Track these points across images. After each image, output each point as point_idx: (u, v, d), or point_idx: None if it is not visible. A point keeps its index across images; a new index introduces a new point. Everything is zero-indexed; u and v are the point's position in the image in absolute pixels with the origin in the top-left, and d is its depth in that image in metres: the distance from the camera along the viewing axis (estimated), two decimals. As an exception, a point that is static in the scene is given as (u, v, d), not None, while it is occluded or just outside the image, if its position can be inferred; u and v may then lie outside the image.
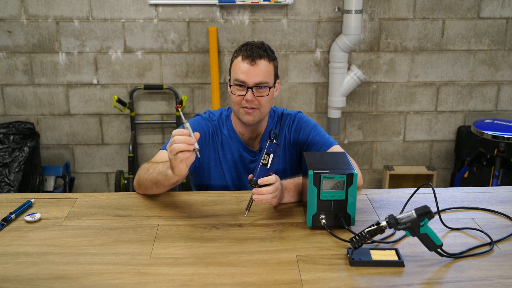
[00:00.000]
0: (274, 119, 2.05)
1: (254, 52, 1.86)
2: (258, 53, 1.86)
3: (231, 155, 2.02)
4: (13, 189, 3.41)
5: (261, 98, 1.87)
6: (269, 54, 1.89)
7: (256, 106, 1.88)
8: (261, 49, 1.88)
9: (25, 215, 1.71)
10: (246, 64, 1.86)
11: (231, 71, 1.93)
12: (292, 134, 2.02)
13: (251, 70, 1.85)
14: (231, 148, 2.02)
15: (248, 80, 1.86)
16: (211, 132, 2.01)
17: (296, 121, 2.03)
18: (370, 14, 3.60)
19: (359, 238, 1.44)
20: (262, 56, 1.87)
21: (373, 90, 3.77)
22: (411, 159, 3.94)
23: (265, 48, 1.89)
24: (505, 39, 3.69)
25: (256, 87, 1.86)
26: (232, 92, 1.89)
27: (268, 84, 1.88)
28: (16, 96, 3.70)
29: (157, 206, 1.80)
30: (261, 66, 1.86)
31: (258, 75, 1.86)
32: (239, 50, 1.91)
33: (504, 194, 1.88)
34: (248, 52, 1.86)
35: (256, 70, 1.85)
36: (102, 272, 1.42)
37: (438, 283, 1.38)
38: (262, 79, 1.86)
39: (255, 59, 1.85)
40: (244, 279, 1.38)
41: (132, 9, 3.55)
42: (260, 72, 1.86)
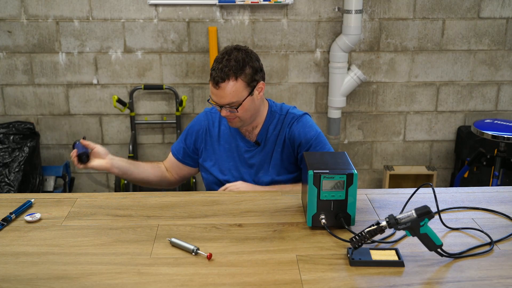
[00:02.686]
0: (275, 115, 2.06)
1: (217, 74, 1.86)
2: (221, 76, 1.86)
3: (228, 145, 2.08)
4: (13, 189, 3.41)
5: (235, 113, 1.92)
6: (236, 69, 1.86)
7: (233, 117, 1.94)
8: (226, 68, 1.86)
9: (25, 215, 1.71)
10: (212, 87, 1.89)
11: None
12: (292, 133, 2.03)
13: (217, 93, 1.89)
14: (227, 139, 2.08)
15: (217, 101, 1.91)
16: (207, 126, 2.11)
17: (301, 123, 2.04)
18: (370, 14, 3.60)
19: (359, 238, 1.44)
20: (225, 77, 1.86)
21: (373, 90, 3.77)
22: (411, 159, 3.94)
23: (231, 66, 1.86)
24: (505, 39, 3.69)
25: (227, 106, 1.90)
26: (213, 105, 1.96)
27: (235, 103, 1.90)
28: (16, 96, 3.70)
29: (157, 206, 1.80)
30: (225, 89, 1.87)
31: (224, 98, 1.88)
32: (211, 69, 1.92)
33: (504, 194, 1.88)
34: (213, 73, 1.88)
35: (221, 93, 1.88)
36: (102, 272, 1.42)
37: (438, 283, 1.38)
38: (228, 101, 1.89)
39: (218, 83, 1.87)
40: (244, 279, 1.38)
41: (132, 9, 3.55)
42: (225, 94, 1.88)
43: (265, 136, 2.05)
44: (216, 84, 1.87)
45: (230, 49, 1.91)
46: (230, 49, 1.91)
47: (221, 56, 1.90)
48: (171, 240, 1.54)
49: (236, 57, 1.88)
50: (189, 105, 3.76)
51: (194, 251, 1.49)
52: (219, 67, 1.87)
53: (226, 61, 1.88)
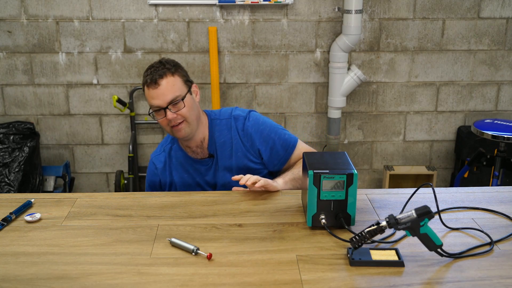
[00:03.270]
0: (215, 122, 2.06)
1: (154, 74, 1.91)
2: (157, 73, 1.91)
3: (187, 174, 2.08)
4: (13, 189, 3.41)
5: (181, 111, 1.92)
6: (169, 67, 1.94)
7: (181, 119, 1.94)
8: (159, 68, 1.92)
9: (25, 215, 1.71)
10: (152, 89, 1.91)
11: (147, 102, 1.98)
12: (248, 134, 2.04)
13: (158, 92, 1.90)
14: (186, 168, 2.08)
15: (160, 103, 1.91)
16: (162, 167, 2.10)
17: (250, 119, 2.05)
18: (370, 14, 3.60)
19: (359, 238, 1.44)
20: (162, 74, 1.91)
21: (373, 90, 3.77)
22: (411, 159, 3.94)
23: (163, 64, 1.94)
24: (505, 39, 3.69)
25: (171, 105, 1.91)
26: (155, 119, 1.96)
27: (179, 96, 1.92)
28: (16, 96, 3.70)
29: (157, 206, 1.80)
30: (165, 83, 1.91)
31: (166, 94, 1.90)
32: (143, 78, 1.95)
33: (504, 194, 1.88)
34: (149, 77, 1.91)
35: (162, 90, 1.90)
36: (102, 272, 1.42)
37: (438, 283, 1.38)
38: (171, 96, 1.91)
39: (157, 80, 1.90)
40: (244, 279, 1.38)
41: (132, 9, 3.55)
42: (166, 90, 1.90)
43: (215, 146, 2.05)
44: (155, 83, 1.90)
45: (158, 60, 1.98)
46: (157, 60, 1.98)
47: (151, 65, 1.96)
48: (171, 240, 1.54)
49: (167, 61, 1.96)
50: (189, 105, 3.75)
51: (194, 251, 1.49)
52: (152, 70, 1.92)
53: (158, 63, 1.95)
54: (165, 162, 2.11)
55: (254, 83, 3.71)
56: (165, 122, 1.94)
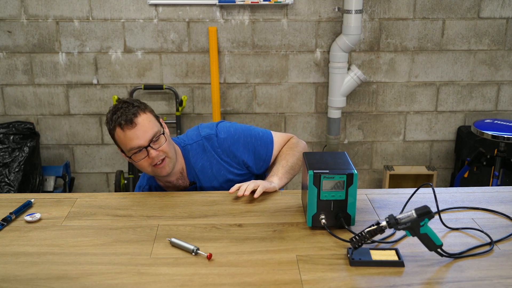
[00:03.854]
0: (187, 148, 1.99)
1: (126, 115, 1.79)
2: (130, 112, 1.79)
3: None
4: (13, 189, 3.41)
5: (162, 147, 1.84)
6: (138, 105, 1.83)
7: (163, 155, 1.85)
8: (130, 107, 1.81)
9: (25, 215, 1.71)
10: (128, 130, 1.79)
11: (121, 145, 1.85)
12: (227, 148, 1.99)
13: (137, 132, 1.79)
14: None
15: (141, 142, 1.80)
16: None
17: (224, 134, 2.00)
18: (370, 14, 3.60)
19: (359, 238, 1.44)
20: (135, 112, 1.80)
21: (373, 90, 3.77)
22: (411, 159, 3.94)
23: (131, 104, 1.83)
24: (505, 39, 3.69)
25: (152, 142, 1.82)
26: (135, 161, 1.84)
27: (159, 131, 1.85)
28: (16, 96, 3.70)
29: (157, 206, 1.80)
30: (141, 121, 1.80)
31: (146, 131, 1.81)
32: (111, 122, 1.82)
33: (504, 194, 1.88)
34: (121, 119, 1.79)
35: (141, 128, 1.80)
36: (102, 272, 1.42)
37: (438, 283, 1.38)
38: (152, 132, 1.82)
39: (132, 120, 1.79)
40: (244, 279, 1.38)
41: (132, 9, 3.55)
42: (145, 127, 1.80)
43: (195, 173, 2.00)
44: (131, 123, 1.78)
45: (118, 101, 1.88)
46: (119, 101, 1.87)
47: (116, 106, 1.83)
48: (171, 240, 1.54)
49: (131, 100, 1.86)
50: (189, 105, 3.76)
51: (194, 251, 1.49)
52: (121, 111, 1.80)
53: (123, 104, 1.83)
54: None
55: (254, 83, 3.71)
56: (147, 162, 1.84)
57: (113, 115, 1.82)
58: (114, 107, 1.84)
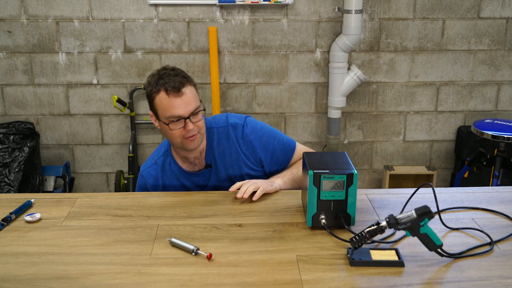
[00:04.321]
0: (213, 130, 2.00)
1: (175, 82, 1.81)
2: (180, 81, 1.81)
3: (184, 188, 2.02)
4: (13, 189, 3.41)
5: (199, 122, 1.86)
6: (186, 76, 1.86)
7: (197, 131, 1.87)
8: (179, 76, 1.83)
9: (25, 215, 1.71)
10: (174, 97, 1.80)
11: (158, 109, 1.85)
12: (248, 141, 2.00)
13: (182, 102, 1.81)
14: (182, 182, 2.02)
15: (183, 112, 1.82)
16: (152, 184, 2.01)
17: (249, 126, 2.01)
18: (370, 14, 3.60)
19: (359, 238, 1.44)
20: (184, 83, 1.82)
21: (373, 90, 3.78)
22: (411, 159, 3.94)
23: (181, 73, 1.85)
24: (505, 39, 3.69)
25: (192, 115, 1.84)
26: (170, 129, 1.84)
27: (200, 107, 1.87)
28: (16, 96, 3.70)
29: (157, 206, 1.80)
30: (188, 92, 1.82)
31: (190, 104, 1.82)
32: (157, 84, 1.83)
33: (504, 194, 1.88)
34: (170, 84, 1.80)
35: (186, 100, 1.81)
36: (102, 272, 1.42)
37: (438, 283, 1.38)
38: (194, 105, 1.83)
39: (180, 89, 1.80)
40: (244, 279, 1.38)
41: (132, 9, 3.55)
42: (190, 100, 1.82)
43: (213, 155, 2.00)
44: (178, 91, 1.80)
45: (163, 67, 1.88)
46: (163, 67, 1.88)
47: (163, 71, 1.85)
48: (171, 240, 1.54)
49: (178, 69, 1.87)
50: (189, 105, 3.75)
51: (194, 251, 1.49)
52: (170, 77, 1.81)
53: (173, 71, 1.85)
54: (157, 177, 2.01)
55: (254, 83, 3.71)
56: (181, 133, 1.85)
57: (159, 79, 1.83)
58: (160, 72, 1.85)
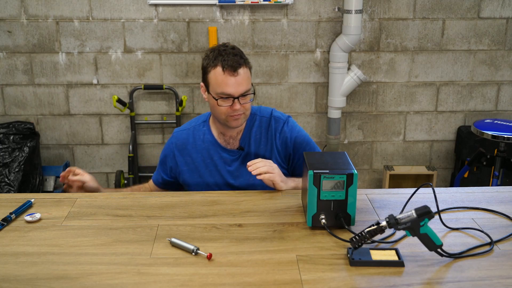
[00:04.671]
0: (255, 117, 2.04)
1: (233, 61, 1.85)
2: (237, 61, 1.86)
3: (210, 160, 2.03)
4: (13, 189, 3.41)
5: (246, 104, 1.91)
6: (245, 59, 1.90)
7: (243, 111, 1.91)
8: (237, 56, 1.87)
9: (25, 215, 1.71)
10: (228, 75, 1.85)
11: (211, 83, 1.90)
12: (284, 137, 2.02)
13: (234, 82, 1.85)
14: (210, 154, 2.03)
15: (234, 92, 1.87)
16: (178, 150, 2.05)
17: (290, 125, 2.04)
18: (370, 14, 3.60)
19: (359, 238, 1.44)
20: (241, 63, 1.87)
21: (373, 90, 3.77)
22: (411, 159, 3.94)
23: (240, 54, 1.89)
24: (505, 39, 3.69)
25: (241, 96, 1.88)
26: (218, 105, 1.89)
27: (251, 90, 1.91)
28: (16, 96, 3.70)
29: (157, 206, 1.80)
30: (242, 74, 1.87)
31: (242, 85, 1.87)
32: (215, 59, 1.87)
33: (504, 194, 1.88)
34: (227, 62, 1.85)
35: (239, 80, 1.86)
36: (102, 272, 1.42)
37: (438, 283, 1.38)
38: (246, 87, 1.88)
39: (236, 69, 1.85)
40: (244, 279, 1.38)
41: (132, 9, 3.55)
42: (243, 81, 1.87)
43: (249, 140, 2.03)
44: (234, 71, 1.84)
45: (224, 44, 1.92)
46: (224, 44, 1.92)
47: (223, 48, 1.89)
48: (171, 240, 1.54)
49: (238, 49, 1.91)
50: (189, 105, 3.76)
51: (194, 251, 1.49)
52: (229, 56, 1.85)
53: (233, 50, 1.89)
54: (187, 142, 2.05)
55: (254, 83, 3.71)
56: (227, 110, 1.89)
57: (219, 55, 1.87)
58: (220, 48, 1.89)
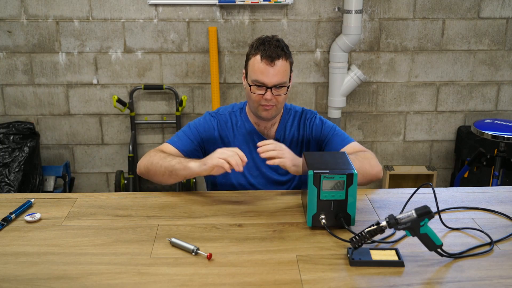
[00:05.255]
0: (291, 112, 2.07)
1: (272, 52, 1.87)
2: (277, 53, 1.87)
3: (246, 145, 2.03)
4: (13, 189, 3.41)
5: (279, 97, 1.91)
6: (286, 52, 1.91)
7: (274, 103, 1.92)
8: (278, 48, 1.88)
9: (25, 215, 1.71)
10: (265, 65, 1.87)
11: (249, 70, 1.93)
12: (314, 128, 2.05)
13: (270, 71, 1.87)
14: (246, 140, 2.03)
15: (267, 81, 1.88)
16: (219, 128, 2.03)
17: (318, 117, 2.07)
18: (370, 14, 3.60)
19: (359, 238, 1.44)
20: (280, 55, 1.88)
21: (373, 90, 3.78)
22: (411, 159, 3.94)
23: (282, 47, 1.90)
24: (505, 39, 3.69)
25: (275, 87, 1.89)
26: (251, 91, 1.91)
27: (286, 83, 1.91)
28: (16, 96, 3.70)
29: (157, 206, 1.80)
30: (279, 66, 1.88)
31: (277, 76, 1.88)
32: (257, 48, 1.90)
33: (504, 194, 1.88)
34: (267, 52, 1.87)
35: (275, 71, 1.87)
36: (102, 272, 1.42)
37: (438, 283, 1.38)
38: (280, 79, 1.89)
39: (274, 60, 1.87)
40: (244, 279, 1.38)
41: (132, 9, 3.55)
42: (279, 73, 1.88)
43: (284, 134, 2.05)
44: (271, 61, 1.86)
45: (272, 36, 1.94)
46: (272, 35, 1.94)
47: (267, 38, 1.91)
48: (171, 240, 1.54)
49: (283, 42, 1.93)
50: (189, 105, 3.76)
51: (194, 251, 1.49)
52: (270, 46, 1.87)
53: (276, 42, 1.90)
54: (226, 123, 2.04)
55: (254, 83, 3.71)
56: (259, 98, 1.90)
57: (261, 44, 1.89)
58: (265, 38, 1.91)
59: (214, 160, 1.73)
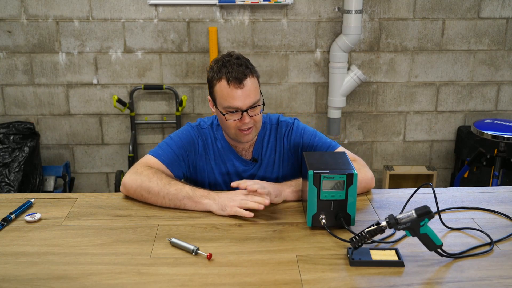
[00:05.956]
0: (266, 126, 1.97)
1: (238, 73, 1.75)
2: (243, 72, 1.75)
3: (223, 165, 1.96)
4: (13, 189, 3.41)
5: (256, 116, 1.82)
6: (250, 68, 1.79)
7: (253, 124, 1.83)
8: (242, 66, 1.77)
9: (25, 215, 1.71)
10: (234, 88, 1.75)
11: (217, 97, 1.81)
12: (292, 140, 1.96)
13: (241, 94, 1.76)
14: (223, 159, 1.96)
15: (241, 105, 1.77)
16: (202, 142, 1.95)
17: (295, 128, 1.97)
18: (370, 14, 3.60)
19: (359, 238, 1.44)
20: (247, 74, 1.76)
21: (373, 90, 3.78)
22: (411, 159, 3.94)
23: (245, 63, 1.79)
24: (505, 39, 3.69)
25: (250, 108, 1.79)
26: (226, 120, 1.80)
27: (259, 101, 1.82)
28: (16, 96, 3.70)
29: (157, 206, 1.80)
30: (249, 85, 1.77)
31: (249, 97, 1.77)
32: (219, 72, 1.78)
33: (504, 194, 1.88)
34: (232, 74, 1.75)
35: (246, 92, 1.76)
36: (102, 272, 1.42)
37: (438, 283, 1.38)
38: (254, 99, 1.78)
39: (242, 81, 1.75)
40: (244, 279, 1.38)
41: (132, 9, 3.55)
42: (250, 92, 1.77)
43: (261, 152, 1.97)
44: (240, 83, 1.74)
45: (229, 54, 1.83)
46: (228, 54, 1.83)
47: (227, 58, 1.79)
48: (171, 240, 1.54)
49: (244, 58, 1.82)
50: (189, 105, 3.76)
51: (194, 251, 1.49)
52: (233, 67, 1.75)
53: (236, 60, 1.78)
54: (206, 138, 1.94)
55: (254, 83, 3.71)
56: (236, 124, 1.81)
57: (223, 66, 1.78)
58: (224, 58, 1.80)
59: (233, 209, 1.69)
